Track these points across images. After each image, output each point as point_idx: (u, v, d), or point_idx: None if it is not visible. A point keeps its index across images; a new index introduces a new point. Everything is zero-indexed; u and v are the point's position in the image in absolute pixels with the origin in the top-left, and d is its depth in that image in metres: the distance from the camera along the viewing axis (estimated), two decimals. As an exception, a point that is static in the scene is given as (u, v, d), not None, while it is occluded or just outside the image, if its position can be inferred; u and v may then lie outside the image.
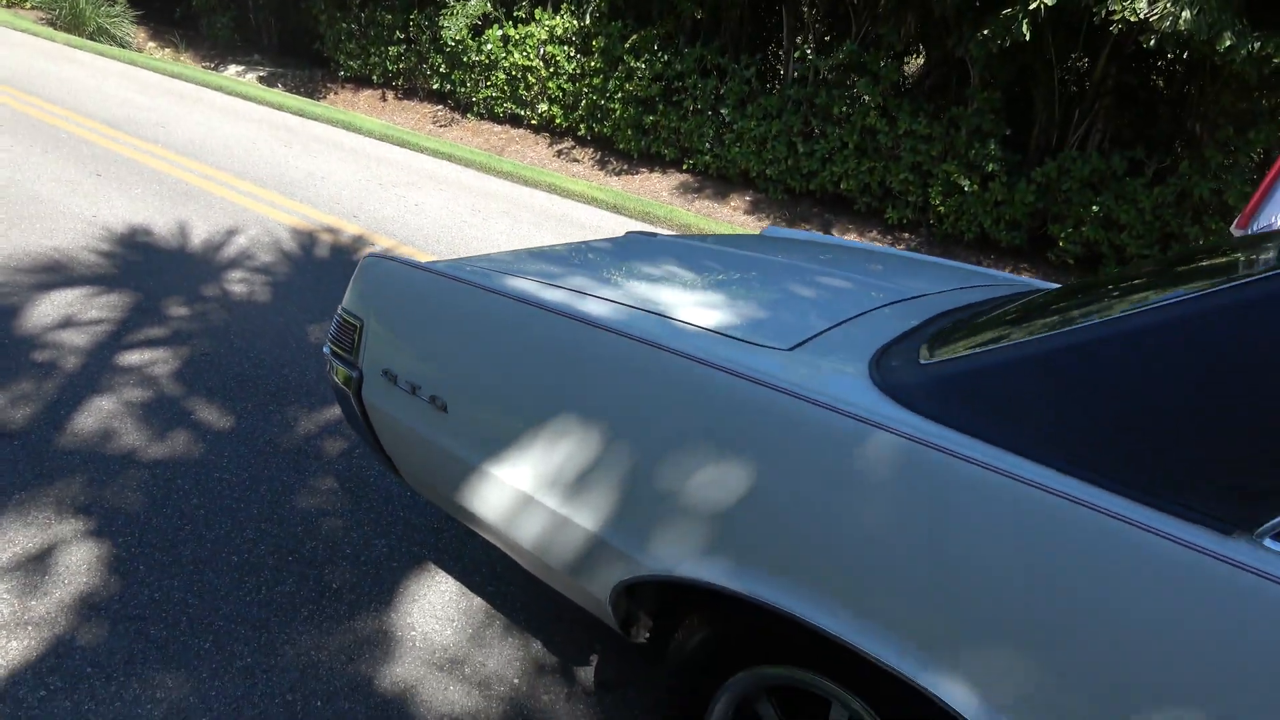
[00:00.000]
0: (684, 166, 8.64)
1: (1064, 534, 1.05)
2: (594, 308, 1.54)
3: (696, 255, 2.06)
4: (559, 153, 9.48)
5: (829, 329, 1.49)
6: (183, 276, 3.90)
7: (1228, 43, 5.30)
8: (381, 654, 1.93)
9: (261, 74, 11.76)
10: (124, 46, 11.90)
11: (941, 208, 7.13)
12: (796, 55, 7.78)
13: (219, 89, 9.22)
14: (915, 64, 8.36)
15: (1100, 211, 6.35)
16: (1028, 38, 5.77)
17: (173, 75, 9.75)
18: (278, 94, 10.10)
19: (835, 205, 8.06)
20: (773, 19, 8.39)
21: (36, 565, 2.02)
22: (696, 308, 1.58)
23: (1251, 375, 1.00)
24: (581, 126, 9.35)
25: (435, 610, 2.09)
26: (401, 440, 1.77)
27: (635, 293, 1.66)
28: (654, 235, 2.37)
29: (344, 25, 10.89)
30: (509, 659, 1.98)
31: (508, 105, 9.87)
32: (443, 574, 2.22)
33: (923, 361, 1.28)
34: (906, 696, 1.19)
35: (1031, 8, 5.67)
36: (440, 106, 10.65)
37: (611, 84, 8.80)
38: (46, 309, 3.33)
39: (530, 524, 1.56)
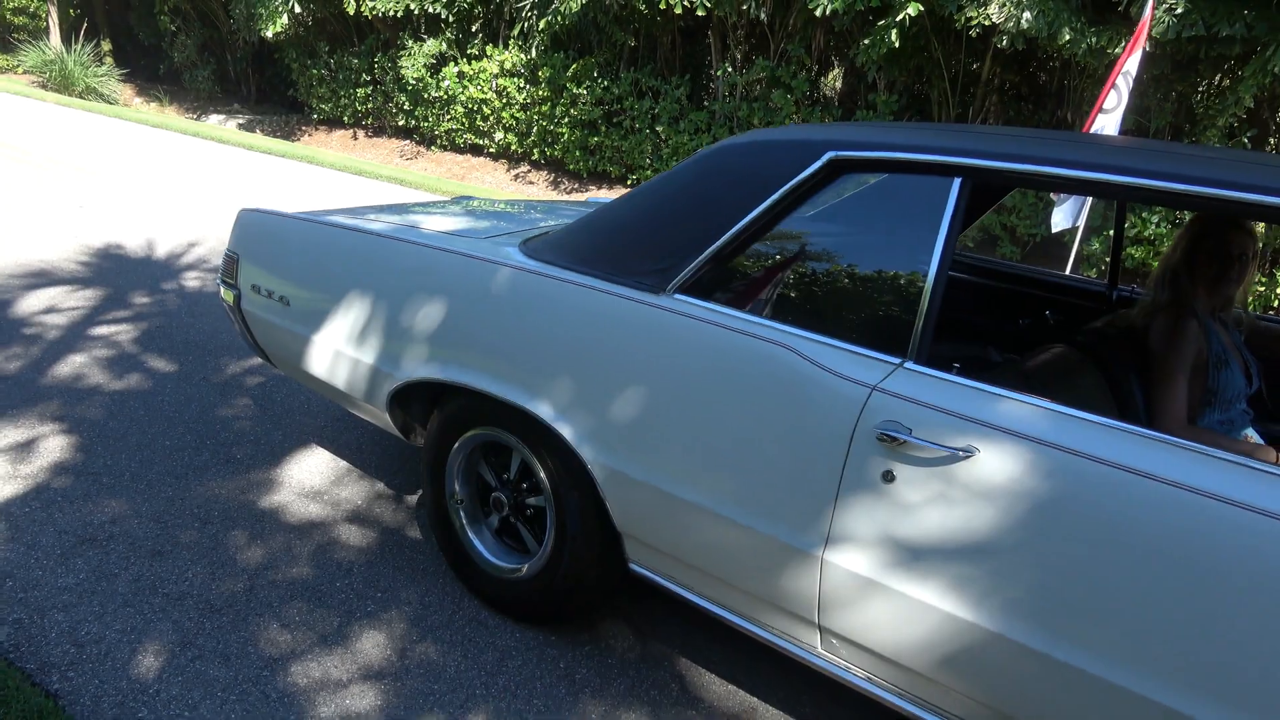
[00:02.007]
0: (628, 181, 9.64)
1: (590, 307, 1.97)
2: (374, 227, 2.50)
3: (484, 209, 3.03)
4: (516, 176, 10.53)
5: (512, 232, 2.44)
6: (148, 275, 4.92)
7: (1066, 37, 6.27)
8: (266, 492, 2.86)
9: (241, 121, 12.97)
10: (111, 103, 13.17)
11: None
12: (719, 74, 8.82)
13: (195, 134, 10.38)
14: (836, 75, 9.38)
15: (1008, 203, 7.26)
16: (897, 45, 6.76)
17: (156, 125, 10.93)
18: (253, 137, 11.25)
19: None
20: (701, 42, 9.44)
21: (23, 447, 2.98)
22: (450, 226, 2.54)
23: (659, 209, 1.95)
24: (535, 151, 10.40)
25: (310, 468, 3.03)
26: (265, 331, 2.72)
27: (411, 219, 2.63)
28: (472, 198, 3.35)
29: (314, 71, 12.08)
30: (358, 491, 2.91)
31: (467, 136, 10.95)
32: (320, 449, 3.17)
33: (534, 241, 2.23)
34: (536, 429, 2.10)
35: (898, 19, 6.67)
36: (407, 141, 11.77)
37: (558, 110, 9.86)
38: (35, 300, 4.34)
39: (339, 368, 2.50)
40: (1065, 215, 5.11)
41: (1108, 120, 5.12)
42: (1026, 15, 6.27)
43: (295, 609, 2.33)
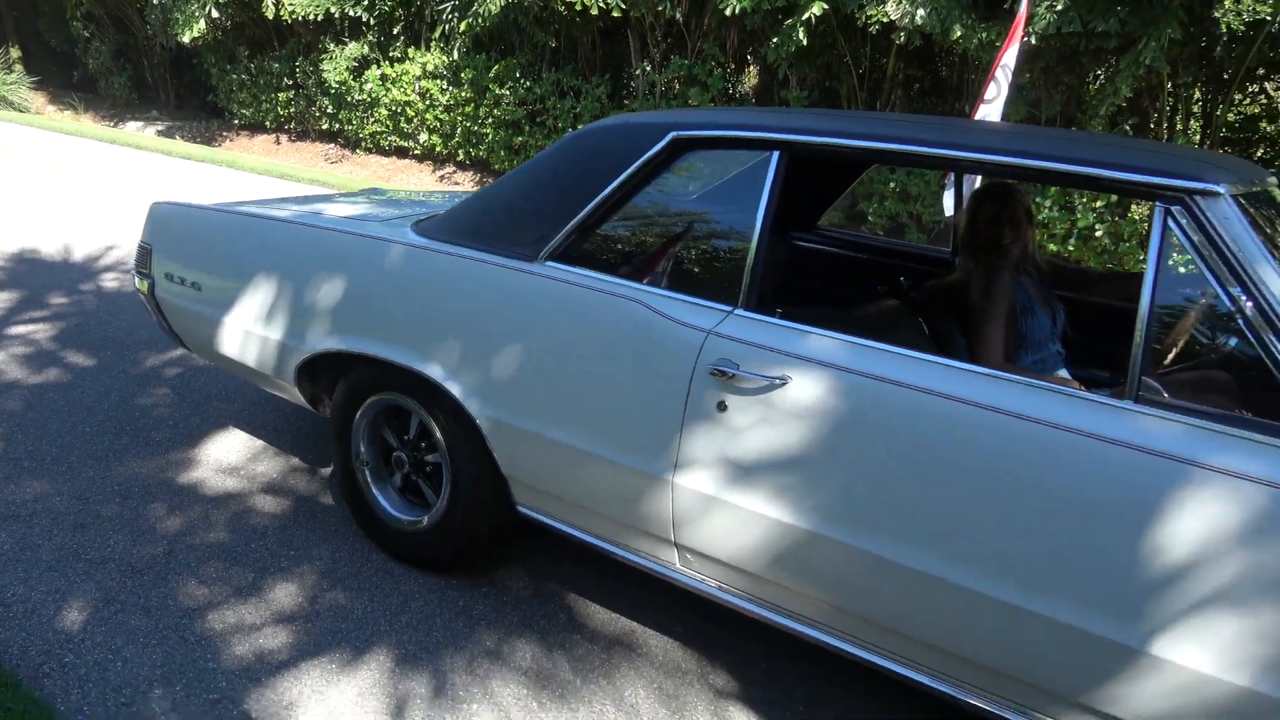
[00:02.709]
0: (552, 181, 9.85)
1: (473, 276, 2.24)
2: (280, 214, 2.74)
3: (388, 199, 3.28)
4: (441, 177, 10.72)
5: (409, 216, 2.70)
6: (65, 278, 5.05)
7: (958, 33, 6.69)
8: (184, 470, 3.06)
9: (160, 127, 12.92)
10: (22, 111, 13.01)
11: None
12: (638, 73, 9.13)
13: (111, 141, 10.37)
14: (752, 72, 9.75)
15: (896, 188, 7.68)
16: (804, 43, 7.13)
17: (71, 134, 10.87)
18: (172, 143, 11.24)
19: (681, 203, 9.37)
20: (621, 43, 9.75)
21: (-55, 436, 3.14)
22: (351, 213, 2.79)
23: (531, 187, 2.23)
24: (460, 152, 10.60)
25: (227, 447, 3.24)
26: (179, 316, 2.93)
27: (315, 208, 2.87)
28: (379, 190, 3.59)
29: (235, 76, 12.12)
30: (273, 466, 3.13)
31: (392, 138, 11.10)
32: (238, 430, 3.38)
33: (426, 222, 2.49)
34: (430, 390, 2.36)
35: (804, 17, 7.04)
36: (331, 145, 11.87)
37: (482, 111, 10.08)
38: (-51, 301, 4.46)
39: (250, 347, 2.73)
40: (949, 200, 5.51)
41: (990, 109, 5.54)
42: (920, 12, 6.69)
43: (212, 568, 2.55)
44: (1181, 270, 1.75)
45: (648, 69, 9.06)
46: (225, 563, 2.57)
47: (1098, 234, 6.84)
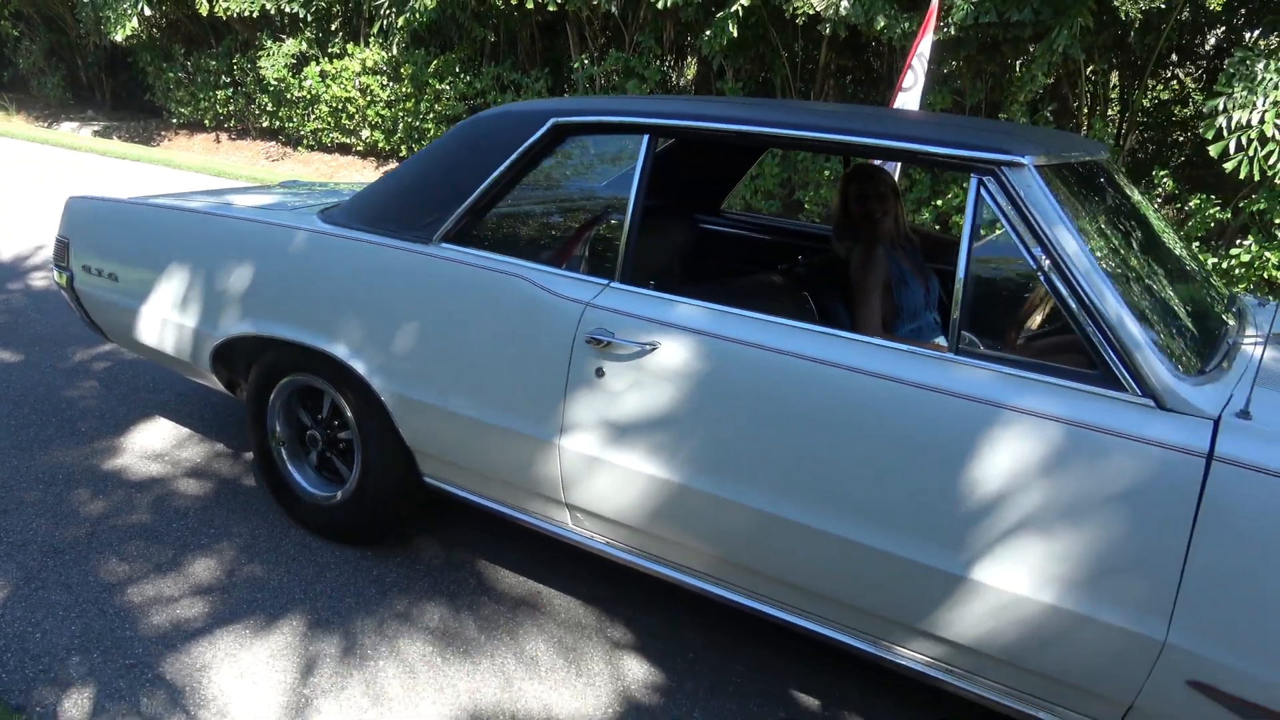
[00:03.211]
0: (494, 175, 9.97)
1: (374, 259, 2.38)
2: (191, 205, 2.86)
3: (300, 190, 3.41)
4: (385, 173, 10.75)
5: (318, 205, 2.84)
6: (-8, 278, 5.10)
7: (881, 23, 6.92)
8: (109, 457, 3.17)
9: (97, 128, 12.82)
10: (-48, 113, 12.83)
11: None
12: (577, 66, 9.27)
13: (44, 142, 10.29)
14: (691, 64, 9.94)
15: (831, 175, 7.90)
16: (735, 35, 7.33)
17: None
18: (109, 143, 11.17)
19: (622, 195, 9.55)
20: (560, 36, 9.88)
21: None
22: (261, 202, 2.91)
23: (426, 174, 2.38)
24: (402, 148, 10.66)
25: (152, 435, 3.35)
26: (99, 307, 3.03)
27: (226, 199, 2.99)
28: (295, 182, 3.71)
29: (171, 75, 12.06)
30: (197, 452, 3.25)
31: (334, 135, 11.13)
32: (163, 419, 3.48)
33: (331, 210, 2.63)
34: (337, 369, 2.50)
35: (733, 9, 7.24)
36: (272, 143, 11.86)
37: (423, 106, 10.16)
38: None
39: (167, 335, 2.84)
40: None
41: (907, 98, 5.77)
42: (844, 3, 6.92)
43: (133, 546, 2.67)
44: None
45: (586, 62, 9.21)
46: (146, 541, 2.69)
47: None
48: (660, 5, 7.74)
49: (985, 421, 1.70)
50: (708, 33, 7.71)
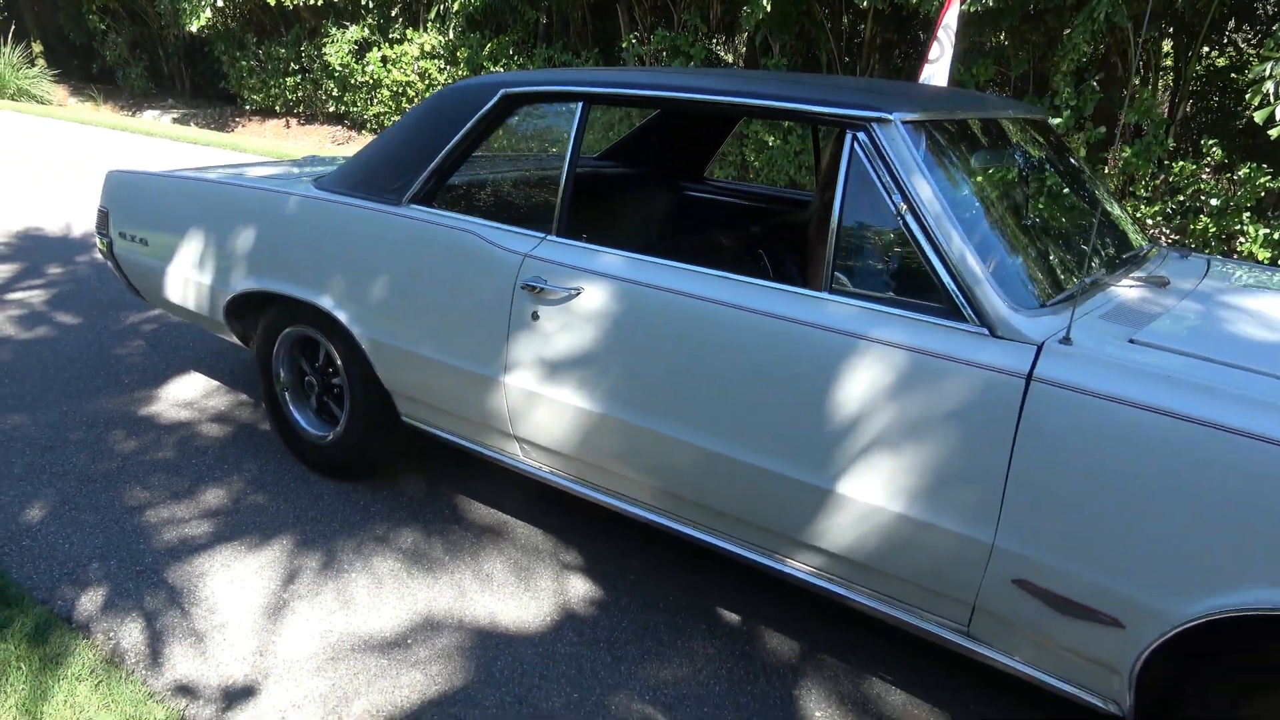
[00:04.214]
0: (550, 153, 10.35)
1: (353, 220, 2.72)
2: (209, 176, 3.25)
3: (315, 164, 3.79)
4: (440, 156, 11.22)
5: (314, 175, 3.20)
6: (63, 251, 5.66)
7: (919, -4, 7.01)
8: (145, 405, 3.61)
9: (175, 116, 13.63)
10: (44, 104, 13.81)
11: (756, 162, 8.83)
12: (625, 46, 9.56)
13: (124, 129, 11.06)
14: (743, 40, 10.12)
15: (776, 139, 8.02)
16: (769, 9, 7.51)
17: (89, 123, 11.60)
18: (182, 129, 11.92)
19: (668, 173, 9.80)
20: (610, 17, 10.17)
21: (-57, 381, 3.73)
22: (270, 174, 3.29)
23: (397, 142, 2.71)
24: (458, 130, 11.08)
25: (185, 386, 3.78)
26: (134, 270, 3.47)
27: (241, 170, 3.38)
28: (316, 156, 4.10)
29: (244, 63, 12.76)
30: (222, 402, 3.67)
31: (396, 118, 11.64)
32: (197, 373, 3.92)
33: (323, 177, 2.99)
34: (326, 319, 2.85)
35: (769, -15, 7.42)
36: (338, 127, 12.46)
37: (477, 89, 10.55)
38: (-43, 273, 5.09)
39: (189, 292, 3.25)
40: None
41: (934, 70, 5.91)
42: (881, -23, 7.03)
43: (156, 478, 3.08)
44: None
45: (634, 42, 9.47)
46: (167, 474, 3.11)
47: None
48: (701, -17, 7.95)
49: (848, 351, 1.94)
50: (746, 8, 7.90)
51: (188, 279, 3.22)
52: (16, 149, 9.63)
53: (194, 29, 11.69)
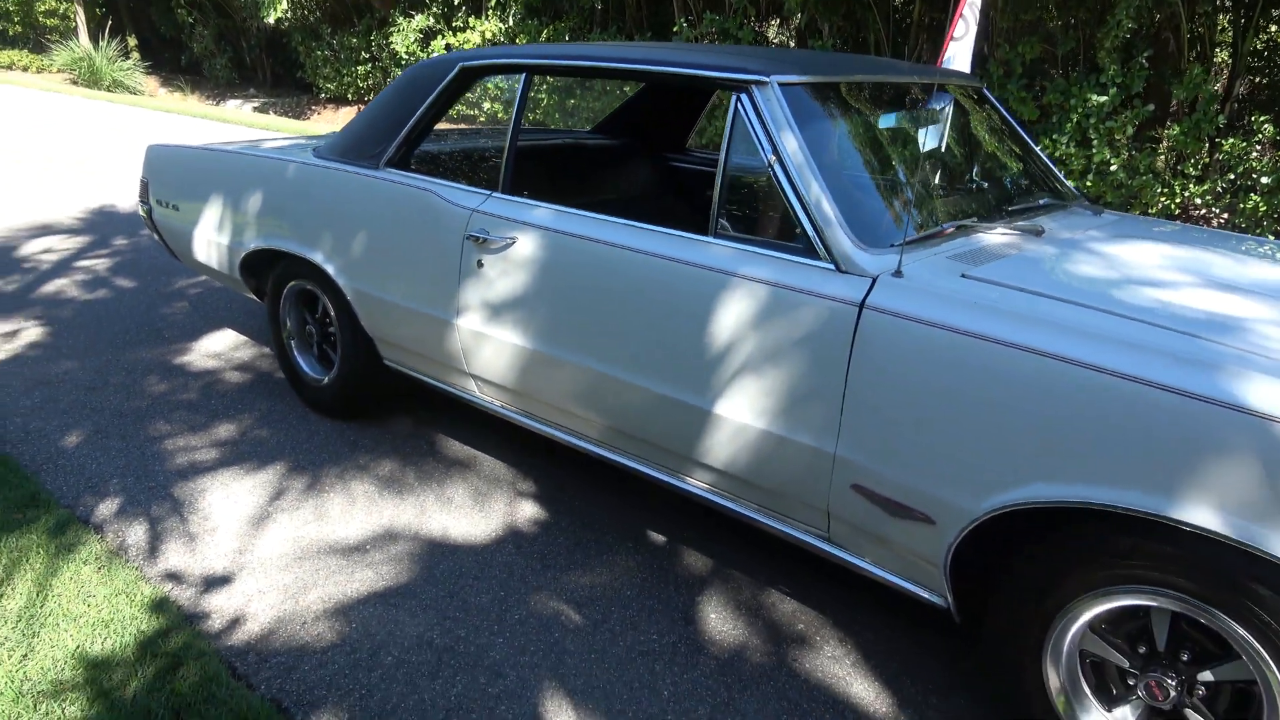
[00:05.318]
0: (600, 139, 10.73)
1: (339, 182, 3.15)
2: (227, 148, 3.72)
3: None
4: (500, 141, 11.73)
5: (313, 150, 3.63)
6: (130, 225, 6.29)
7: (957, -26, 7.13)
8: (180, 355, 4.12)
9: (256, 105, 14.49)
10: (137, 95, 14.85)
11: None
12: (676, 30, 9.87)
13: (204, 117, 11.88)
14: (799, 22, 10.32)
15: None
16: (807, -9, 7.72)
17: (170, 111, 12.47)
18: (257, 117, 12.70)
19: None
20: (664, 2, 10.49)
21: (10, 335, 4.30)
22: (282, 144, 3.75)
23: (378, 112, 3.11)
24: (518, 116, 11.56)
25: (218, 340, 4.29)
26: (170, 234, 3.97)
27: (253, 142, 3.84)
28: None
29: (319, 53, 13.51)
30: (248, 354, 4.16)
31: (459, 106, 12.20)
32: (230, 330, 4.43)
33: (318, 146, 3.41)
34: (319, 273, 3.28)
35: (809, -35, 7.64)
36: (405, 114, 13.06)
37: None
38: (36, 244, 5.73)
39: (212, 252, 3.73)
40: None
41: (959, 47, 6.08)
42: (917, -45, 7.18)
43: (178, 414, 3.57)
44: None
45: (685, 26, 9.78)
46: (188, 411, 3.59)
47: (1113, 168, 7.16)
48: (745, -34, 8.20)
49: (725, 287, 2.25)
50: (791, -10, 8.12)
51: (210, 240, 3.70)
52: (105, 137, 10.49)
53: (272, 20, 12.45)
